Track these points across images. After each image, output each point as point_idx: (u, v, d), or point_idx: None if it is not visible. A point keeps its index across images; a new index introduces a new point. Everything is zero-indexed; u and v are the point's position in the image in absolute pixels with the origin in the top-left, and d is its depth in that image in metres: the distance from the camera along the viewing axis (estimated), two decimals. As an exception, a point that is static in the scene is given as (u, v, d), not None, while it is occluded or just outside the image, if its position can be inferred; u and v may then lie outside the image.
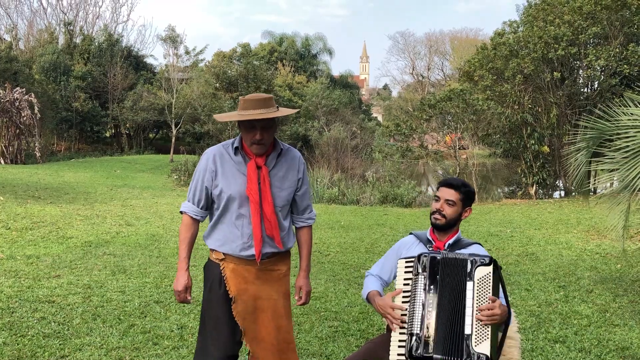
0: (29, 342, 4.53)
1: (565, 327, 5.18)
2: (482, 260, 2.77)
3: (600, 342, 4.81)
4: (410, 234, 3.29)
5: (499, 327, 2.83)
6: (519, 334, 3.11)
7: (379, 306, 2.98)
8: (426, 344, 2.74)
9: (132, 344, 4.59)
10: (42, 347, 4.45)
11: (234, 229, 3.02)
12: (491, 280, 2.76)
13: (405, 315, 2.85)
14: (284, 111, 3.03)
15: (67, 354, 4.34)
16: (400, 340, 2.84)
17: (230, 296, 3.02)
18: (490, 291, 2.75)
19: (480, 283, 2.75)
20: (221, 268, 3.05)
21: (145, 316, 5.27)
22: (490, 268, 2.76)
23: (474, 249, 3.11)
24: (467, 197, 3.16)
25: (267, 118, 2.91)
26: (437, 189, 3.22)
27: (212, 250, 3.11)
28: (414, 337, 2.76)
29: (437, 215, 3.12)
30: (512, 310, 2.98)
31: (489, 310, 2.71)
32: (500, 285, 2.86)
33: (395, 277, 3.04)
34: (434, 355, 2.71)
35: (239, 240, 3.01)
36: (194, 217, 3.09)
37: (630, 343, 4.80)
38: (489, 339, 2.70)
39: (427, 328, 2.76)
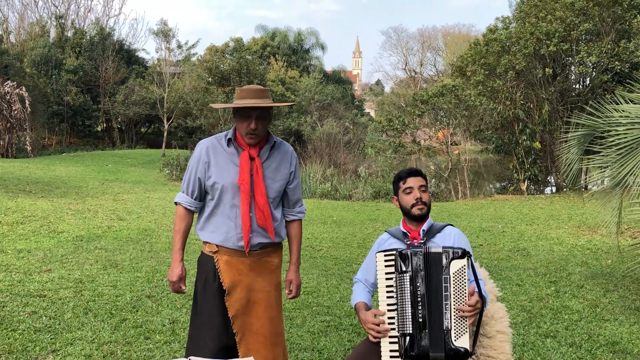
0: (20, 336, 4.52)
1: (556, 322, 5.21)
2: (455, 253, 2.76)
3: (590, 337, 4.84)
4: (385, 232, 3.25)
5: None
6: (511, 328, 3.12)
7: (362, 321, 2.99)
8: (419, 342, 2.76)
9: (124, 339, 4.58)
10: (33, 341, 4.44)
11: (228, 220, 3.03)
12: (466, 273, 2.77)
13: (393, 310, 2.84)
14: (279, 102, 3.11)
15: (58, 348, 4.33)
16: (391, 336, 2.84)
17: (224, 288, 3.02)
18: (467, 284, 2.77)
19: (456, 276, 2.76)
20: (215, 260, 3.05)
21: (137, 310, 5.26)
22: (464, 261, 2.77)
23: (448, 231, 3.10)
24: (427, 181, 3.21)
25: (263, 109, 2.98)
26: (403, 181, 3.15)
27: (205, 243, 3.11)
28: (408, 337, 2.78)
29: (420, 205, 3.08)
30: (504, 304, 2.99)
31: (469, 305, 2.73)
32: (473, 275, 2.87)
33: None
34: (431, 353, 2.74)
35: (233, 230, 3.02)
36: (188, 208, 3.11)
37: (620, 338, 4.84)
38: (468, 333, 2.73)
39: (419, 326, 2.77)
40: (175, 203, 3.17)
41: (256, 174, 3.01)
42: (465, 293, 2.76)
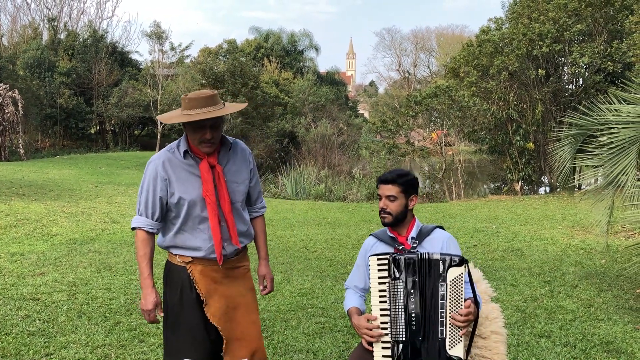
0: (14, 340, 4.50)
1: (550, 322, 5.22)
2: (453, 261, 2.72)
3: (585, 337, 4.85)
4: (370, 235, 3.21)
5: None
6: (505, 329, 3.13)
7: (355, 326, 2.96)
8: (413, 349, 2.75)
9: (118, 342, 4.57)
10: (27, 345, 4.42)
11: (200, 233, 2.92)
12: (463, 282, 2.75)
13: (386, 315, 2.81)
14: (232, 107, 2.90)
15: (52, 352, 4.31)
16: (384, 342, 2.82)
17: (202, 298, 2.94)
18: (463, 293, 2.74)
19: (453, 285, 2.73)
20: (189, 271, 2.95)
21: (131, 313, 5.24)
22: (462, 269, 2.73)
23: (436, 235, 3.04)
24: (409, 186, 3.04)
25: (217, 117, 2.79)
26: (378, 187, 3.09)
27: (175, 254, 2.99)
28: (401, 345, 2.76)
29: (382, 214, 3.04)
30: (498, 304, 2.99)
31: (464, 316, 2.72)
32: (470, 281, 2.86)
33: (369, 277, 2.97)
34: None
35: (207, 243, 2.92)
36: (150, 230, 2.92)
37: (614, 337, 4.85)
38: (462, 342, 2.73)
39: (413, 334, 2.75)
40: (133, 228, 2.94)
41: (219, 181, 2.89)
42: (461, 301, 2.73)
